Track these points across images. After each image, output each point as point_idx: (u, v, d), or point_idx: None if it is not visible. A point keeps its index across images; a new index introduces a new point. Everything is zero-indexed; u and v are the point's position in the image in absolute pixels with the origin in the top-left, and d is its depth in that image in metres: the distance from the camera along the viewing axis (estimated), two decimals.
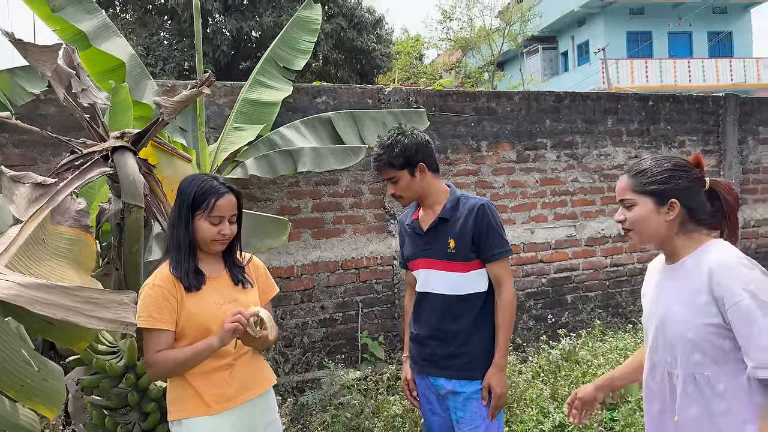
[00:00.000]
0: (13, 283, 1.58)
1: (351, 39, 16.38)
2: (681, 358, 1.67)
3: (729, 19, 25.83)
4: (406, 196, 2.34)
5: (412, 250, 2.44)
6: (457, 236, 2.28)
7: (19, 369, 1.61)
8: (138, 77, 3.30)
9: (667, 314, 1.70)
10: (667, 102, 5.96)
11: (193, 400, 1.94)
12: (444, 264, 2.32)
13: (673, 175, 1.69)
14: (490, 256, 2.29)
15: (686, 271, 1.69)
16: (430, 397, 2.41)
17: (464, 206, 2.33)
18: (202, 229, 1.96)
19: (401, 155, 2.26)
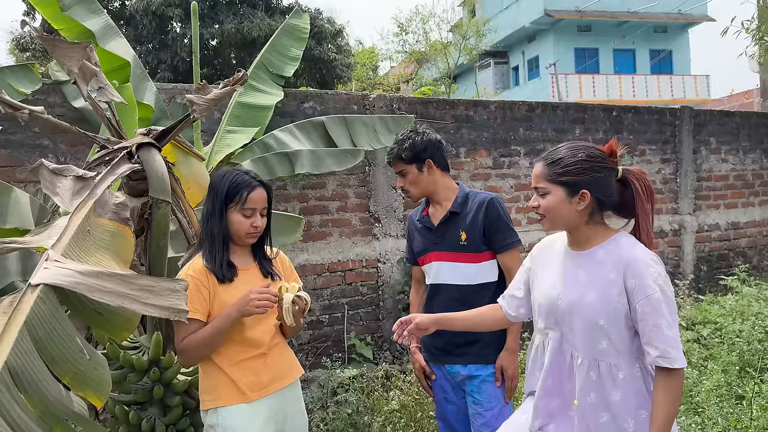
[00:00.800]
0: (72, 271, 1.61)
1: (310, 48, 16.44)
2: (587, 344, 1.74)
3: (669, 38, 27.24)
4: (414, 190, 2.48)
5: (423, 244, 2.55)
6: (468, 228, 2.41)
7: (74, 356, 1.64)
8: (139, 78, 3.31)
9: (580, 300, 1.74)
10: (629, 113, 6.31)
11: (228, 389, 1.99)
12: (456, 255, 2.43)
13: (585, 166, 1.73)
14: (501, 247, 2.42)
15: (598, 260, 1.75)
16: (445, 385, 2.53)
17: (474, 201, 2.46)
18: (236, 222, 2.03)
19: (410, 150, 2.42)
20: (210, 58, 16.72)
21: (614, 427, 1.71)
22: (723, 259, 6.92)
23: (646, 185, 1.77)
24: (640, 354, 1.71)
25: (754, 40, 8.91)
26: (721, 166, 6.93)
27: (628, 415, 1.70)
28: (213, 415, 1.99)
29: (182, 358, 2.01)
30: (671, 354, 1.61)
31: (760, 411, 3.30)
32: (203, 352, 1.98)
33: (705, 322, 5.06)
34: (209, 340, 1.95)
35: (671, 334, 1.62)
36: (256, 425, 1.97)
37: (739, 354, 4.21)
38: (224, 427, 1.95)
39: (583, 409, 1.75)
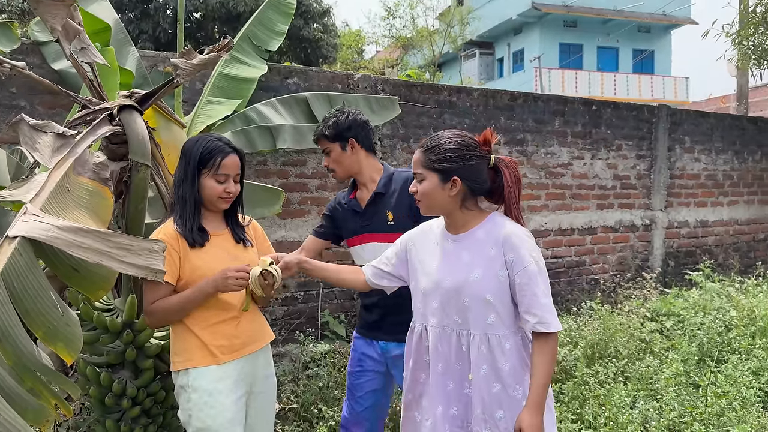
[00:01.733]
0: (51, 226, 1.62)
1: (297, 27, 16.27)
2: (475, 320, 1.84)
3: (652, 38, 27.58)
4: (338, 169, 2.48)
5: (351, 227, 2.53)
6: (394, 208, 2.44)
7: (48, 311, 1.65)
8: (121, 43, 3.27)
9: (466, 280, 1.83)
10: (608, 108, 6.41)
11: (200, 351, 2.02)
12: (385, 236, 2.43)
13: (458, 154, 1.82)
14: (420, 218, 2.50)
15: (478, 240, 1.86)
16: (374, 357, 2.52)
17: (398, 180, 2.48)
18: (208, 188, 2.05)
19: (333, 128, 2.43)
20: (193, 31, 16.46)
21: (505, 395, 1.83)
22: (690, 255, 7.11)
23: (516, 174, 1.86)
24: (519, 323, 1.86)
25: (733, 44, 9.08)
26: (694, 165, 7.10)
27: (516, 382, 1.83)
28: (183, 376, 2.02)
29: (149, 320, 2.04)
30: (548, 320, 1.76)
31: (714, 398, 3.44)
32: (172, 318, 2.02)
33: (669, 315, 5.22)
34: (179, 307, 1.98)
35: (546, 301, 1.78)
36: (225, 386, 2.01)
37: (698, 345, 4.36)
38: (194, 387, 1.98)
39: (478, 382, 1.84)
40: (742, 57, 9.14)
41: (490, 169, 1.85)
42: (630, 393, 3.62)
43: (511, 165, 1.86)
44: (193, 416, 1.97)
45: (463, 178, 1.82)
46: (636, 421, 3.23)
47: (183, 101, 4.10)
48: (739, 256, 7.49)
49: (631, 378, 3.93)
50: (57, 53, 3.69)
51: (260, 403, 2.17)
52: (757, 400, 3.58)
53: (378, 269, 2.12)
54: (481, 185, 1.85)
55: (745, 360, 4.13)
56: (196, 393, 1.98)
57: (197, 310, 2.02)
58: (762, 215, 7.81)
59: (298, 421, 3.25)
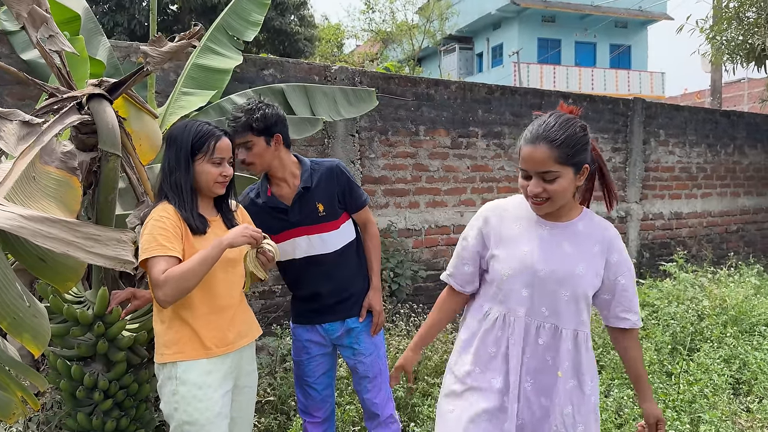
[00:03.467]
0: (15, 215, 1.58)
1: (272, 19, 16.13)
2: (569, 314, 1.75)
3: (629, 33, 27.89)
4: (258, 163, 2.35)
5: (276, 225, 2.42)
6: (324, 199, 2.43)
7: (13, 301, 1.61)
8: (91, 32, 3.21)
9: (571, 273, 1.73)
10: (584, 101, 6.47)
11: (192, 343, 1.96)
12: (318, 227, 2.44)
13: (586, 140, 1.71)
14: (357, 206, 2.54)
15: (580, 233, 1.77)
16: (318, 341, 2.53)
17: (320, 171, 2.46)
18: (204, 173, 2.00)
19: (261, 121, 2.31)
20: (170, 23, 16.22)
21: (578, 391, 1.79)
22: (665, 247, 7.22)
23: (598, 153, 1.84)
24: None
25: (707, 40, 9.20)
26: (668, 158, 7.20)
27: (588, 377, 1.80)
28: (171, 368, 1.95)
29: (161, 292, 1.81)
30: (639, 318, 1.85)
31: (686, 386, 3.50)
32: (188, 283, 1.84)
33: (643, 305, 5.29)
34: (196, 268, 1.84)
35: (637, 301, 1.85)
36: (215, 380, 1.97)
37: (672, 334, 4.44)
38: (183, 380, 1.93)
39: (564, 378, 1.77)
40: (715, 52, 9.27)
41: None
42: (605, 381, 3.67)
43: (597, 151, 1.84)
44: (180, 409, 1.93)
45: (590, 164, 1.74)
46: (610, 409, 3.27)
47: (156, 92, 4.04)
48: (713, 247, 7.63)
49: (605, 367, 3.99)
50: (25, 43, 3.60)
51: (244, 397, 2.15)
52: (728, 387, 3.65)
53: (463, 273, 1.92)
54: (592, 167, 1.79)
55: (716, 348, 4.21)
56: (184, 386, 1.93)
57: (194, 301, 1.96)
58: (734, 207, 7.96)
59: (275, 414, 3.24)
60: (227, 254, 1.96)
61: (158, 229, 1.88)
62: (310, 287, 2.50)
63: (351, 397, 3.31)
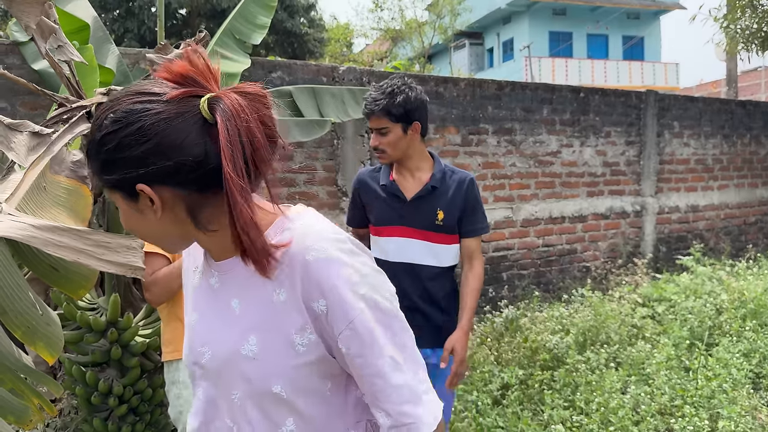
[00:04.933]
0: (27, 225, 1.60)
1: (282, 21, 16.21)
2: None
3: (641, 24, 27.58)
4: (391, 152, 2.18)
5: (386, 214, 2.25)
6: (447, 208, 2.21)
7: (26, 310, 1.63)
8: (100, 41, 3.24)
9: (237, 352, 0.98)
10: (596, 94, 6.41)
11: None
12: (429, 235, 2.22)
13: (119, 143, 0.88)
14: (471, 231, 2.27)
15: (247, 273, 0.97)
16: None
17: (452, 178, 2.25)
18: None
19: (402, 106, 2.11)
20: (179, 27, 16.36)
21: None
22: (682, 240, 7.13)
23: (245, 125, 0.89)
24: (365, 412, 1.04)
25: (720, 29, 9.08)
26: (683, 150, 7.11)
27: None
28: (174, 372, 2.00)
29: (150, 294, 1.93)
30: (409, 415, 0.93)
31: (704, 381, 3.45)
32: (172, 285, 1.91)
33: (660, 300, 5.23)
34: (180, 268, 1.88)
35: (401, 379, 0.93)
36: None
37: (690, 329, 4.38)
38: (185, 383, 1.96)
39: None
40: (729, 41, 9.14)
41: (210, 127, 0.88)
42: (621, 378, 3.64)
43: (236, 109, 0.88)
44: (185, 412, 1.96)
45: (150, 181, 0.88)
46: (627, 406, 3.24)
47: None
48: (731, 239, 7.52)
49: (622, 364, 3.95)
50: (36, 53, 3.64)
51: None
52: (747, 382, 3.60)
53: None
54: (188, 171, 0.87)
55: (736, 342, 4.15)
56: (187, 389, 1.96)
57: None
58: (752, 198, 7.84)
59: None
60: None
61: None
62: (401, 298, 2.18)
63: None
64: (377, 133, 2.16)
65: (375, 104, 2.13)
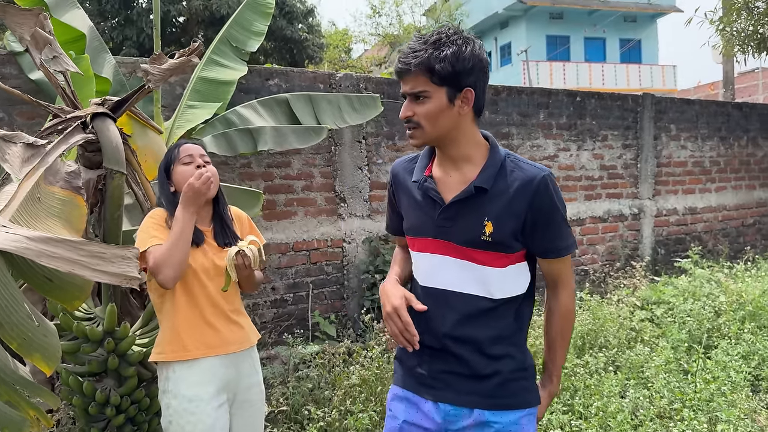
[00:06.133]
0: (21, 236, 1.60)
1: (281, 28, 16.24)
2: None
3: (638, 27, 27.66)
4: (428, 128, 1.53)
5: (420, 220, 1.67)
6: (499, 217, 1.55)
7: (22, 322, 1.64)
8: (97, 50, 3.25)
9: None
10: (592, 98, 6.43)
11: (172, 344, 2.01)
12: (471, 253, 1.59)
13: None
14: (549, 250, 1.61)
15: None
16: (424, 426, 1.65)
17: (515, 174, 1.56)
18: (179, 174, 2.07)
19: (451, 63, 1.47)
20: (177, 35, 16.39)
21: None
22: (680, 242, 7.14)
23: None
24: None
25: (716, 31, 9.10)
26: (681, 153, 7.12)
27: None
28: (165, 381, 1.99)
29: (160, 275, 1.91)
30: None
31: (703, 384, 3.45)
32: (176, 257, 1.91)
33: (659, 302, 5.23)
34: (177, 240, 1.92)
35: None
36: (207, 393, 1.98)
37: (688, 332, 4.38)
38: (174, 393, 1.96)
39: None
40: (726, 44, 9.17)
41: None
42: (620, 382, 3.63)
43: None
44: (173, 422, 1.96)
45: None
46: (626, 410, 3.24)
47: (163, 106, 4.08)
48: (729, 241, 7.53)
49: (621, 367, 3.95)
50: (33, 63, 3.66)
51: (246, 412, 2.14)
52: (746, 385, 3.59)
53: None
54: None
55: (734, 345, 4.15)
56: (176, 399, 1.96)
57: (179, 304, 2.00)
58: (750, 200, 7.85)
59: (288, 423, 3.25)
60: (215, 260, 2.01)
61: (151, 223, 1.99)
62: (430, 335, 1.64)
63: (364, 405, 3.31)
64: (411, 99, 1.53)
65: (413, 55, 1.49)
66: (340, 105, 4.15)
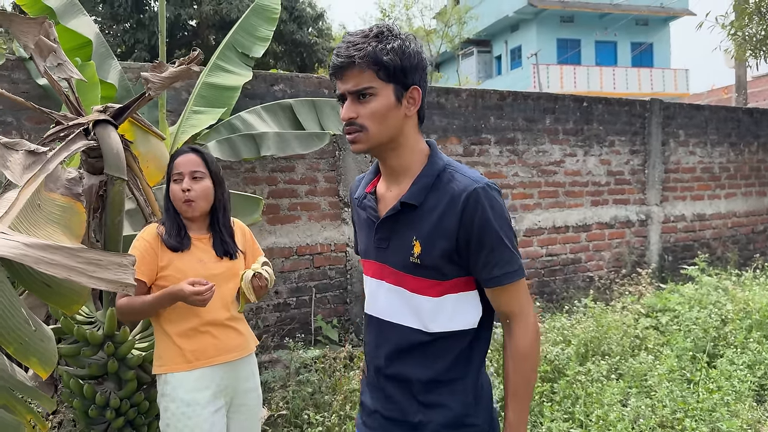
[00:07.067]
0: (19, 243, 1.63)
1: (291, 32, 16.34)
2: None
3: (650, 30, 27.50)
4: (374, 129, 1.34)
5: (363, 241, 1.55)
6: (428, 238, 1.37)
7: (19, 326, 1.66)
8: (103, 57, 3.30)
9: None
10: (599, 104, 6.40)
11: (173, 356, 2.04)
12: (404, 278, 1.42)
13: None
14: (490, 279, 1.37)
15: None
16: None
17: (449, 186, 1.38)
18: (172, 191, 2.11)
19: (400, 56, 1.32)
20: (189, 39, 16.53)
21: None
22: (688, 249, 7.09)
23: None
24: None
25: (728, 35, 9.04)
26: (689, 159, 7.08)
27: None
28: (163, 385, 2.04)
29: (117, 313, 2.09)
30: None
31: (706, 393, 3.43)
32: (134, 317, 2.08)
33: (664, 310, 5.20)
34: (140, 309, 2.02)
35: None
36: (204, 397, 2.02)
37: (693, 340, 4.35)
38: (172, 397, 2.00)
39: None
40: (737, 48, 9.10)
41: None
42: (623, 390, 3.61)
43: None
44: (171, 425, 1.99)
45: None
46: (627, 418, 3.22)
47: (169, 111, 4.13)
48: (738, 248, 7.46)
49: (624, 375, 3.92)
50: None
51: (243, 416, 2.18)
52: (751, 394, 3.56)
53: None
54: None
55: (740, 354, 4.11)
56: (174, 403, 2.00)
57: (174, 316, 2.03)
58: (760, 207, 7.78)
59: (288, 427, 3.26)
60: (212, 271, 2.04)
61: (133, 250, 2.04)
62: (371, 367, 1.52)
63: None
64: (353, 98, 1.33)
65: (355, 48, 1.31)
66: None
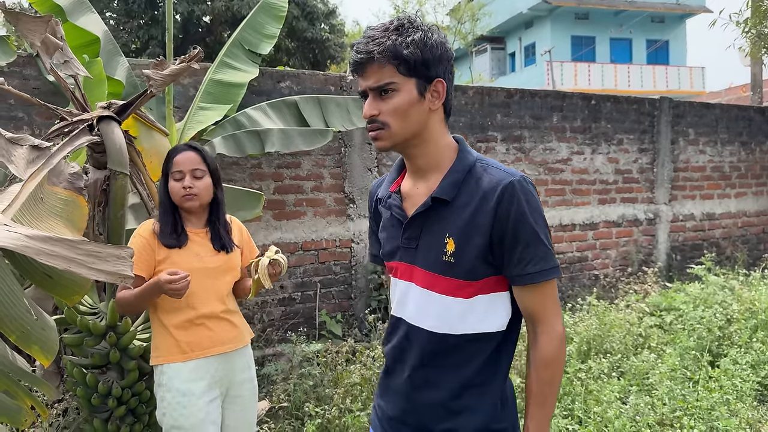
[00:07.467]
0: (21, 235, 1.69)
1: (303, 29, 16.39)
2: None
3: (666, 28, 27.20)
4: (396, 127, 1.29)
5: (390, 242, 1.46)
6: (462, 234, 1.31)
7: (21, 315, 1.72)
8: (111, 54, 3.36)
9: None
10: (608, 102, 6.38)
11: (169, 347, 2.10)
12: (434, 279, 1.35)
13: None
14: (522, 276, 1.30)
15: None
16: None
17: (482, 181, 1.32)
18: (171, 187, 2.15)
19: (421, 48, 1.26)
20: (203, 35, 16.65)
21: None
22: (697, 249, 7.04)
23: None
24: None
25: (742, 33, 8.93)
26: (699, 157, 7.03)
27: None
28: (160, 375, 2.11)
29: (116, 306, 2.17)
30: None
31: (706, 392, 3.43)
32: (130, 309, 2.13)
33: (669, 309, 5.19)
34: (134, 300, 2.07)
35: None
36: (199, 388, 2.07)
37: (697, 339, 4.34)
38: (168, 387, 2.06)
39: None
40: (752, 46, 9.00)
41: None
42: (623, 388, 3.62)
43: None
44: (167, 415, 2.05)
45: None
46: (625, 416, 3.24)
47: (176, 107, 4.19)
48: (749, 248, 7.40)
49: (626, 373, 3.93)
50: None
51: (238, 407, 2.23)
52: (753, 394, 3.56)
53: None
54: None
55: (744, 353, 4.10)
56: (170, 393, 2.06)
57: (171, 308, 2.09)
58: None
59: (289, 419, 3.32)
60: (208, 264, 2.09)
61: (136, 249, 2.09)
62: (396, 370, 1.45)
63: (364, 404, 3.37)
64: (375, 95, 1.29)
65: (374, 43, 1.26)
66: (349, 107, 4.21)
